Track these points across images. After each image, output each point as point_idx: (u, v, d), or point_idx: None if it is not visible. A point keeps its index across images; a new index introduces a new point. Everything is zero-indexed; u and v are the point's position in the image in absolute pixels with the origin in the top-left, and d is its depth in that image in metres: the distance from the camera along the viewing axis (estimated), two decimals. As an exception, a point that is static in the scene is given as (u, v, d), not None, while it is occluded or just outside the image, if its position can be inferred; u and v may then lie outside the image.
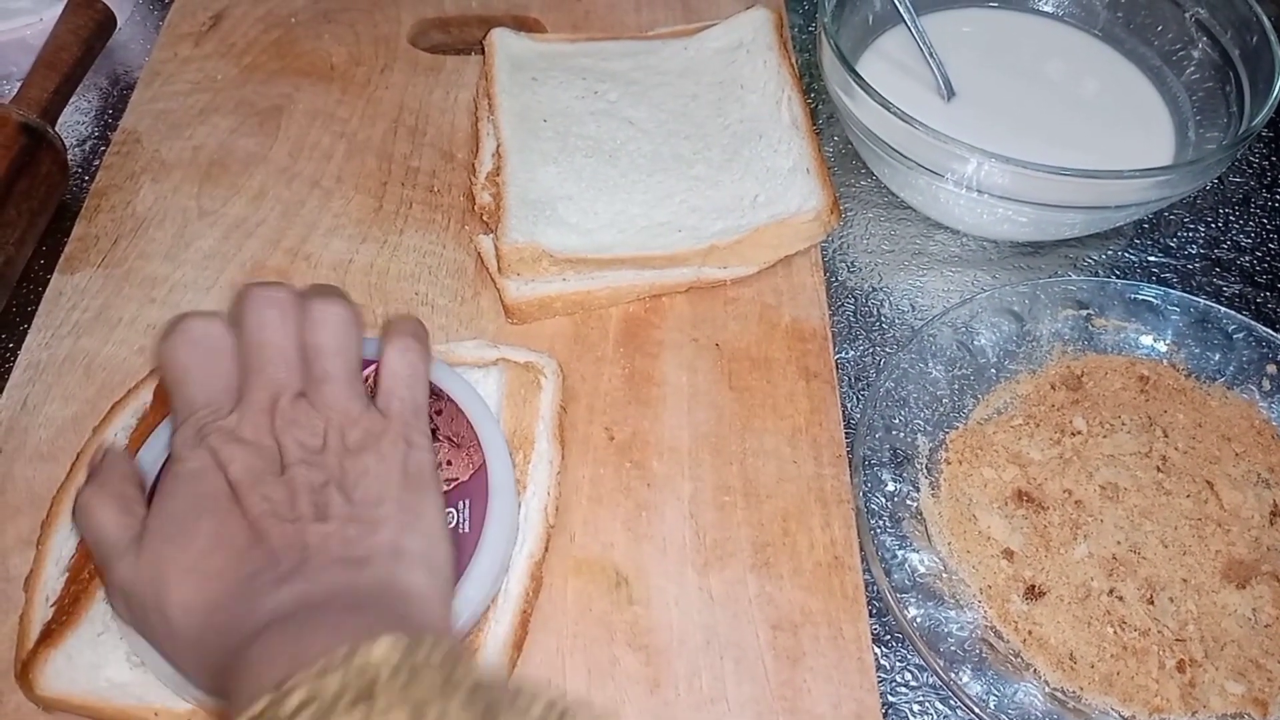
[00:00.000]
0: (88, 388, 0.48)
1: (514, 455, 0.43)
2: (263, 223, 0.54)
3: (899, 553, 0.44)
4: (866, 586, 0.43)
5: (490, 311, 0.51)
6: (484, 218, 0.53)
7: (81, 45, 0.60)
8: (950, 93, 0.58)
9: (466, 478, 0.41)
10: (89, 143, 0.61)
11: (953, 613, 0.43)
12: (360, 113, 0.60)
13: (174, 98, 0.60)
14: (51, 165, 0.55)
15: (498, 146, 0.55)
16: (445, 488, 0.41)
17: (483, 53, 0.60)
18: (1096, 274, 0.56)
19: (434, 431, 0.42)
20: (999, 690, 0.40)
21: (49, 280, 0.52)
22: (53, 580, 0.41)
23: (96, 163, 0.58)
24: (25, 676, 0.38)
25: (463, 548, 0.40)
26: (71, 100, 0.60)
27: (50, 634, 0.39)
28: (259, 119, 0.59)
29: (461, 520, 0.40)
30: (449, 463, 0.42)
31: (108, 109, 0.63)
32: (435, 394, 0.43)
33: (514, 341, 0.49)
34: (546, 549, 0.43)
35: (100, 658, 0.38)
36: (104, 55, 0.63)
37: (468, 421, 0.43)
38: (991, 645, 0.42)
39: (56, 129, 0.57)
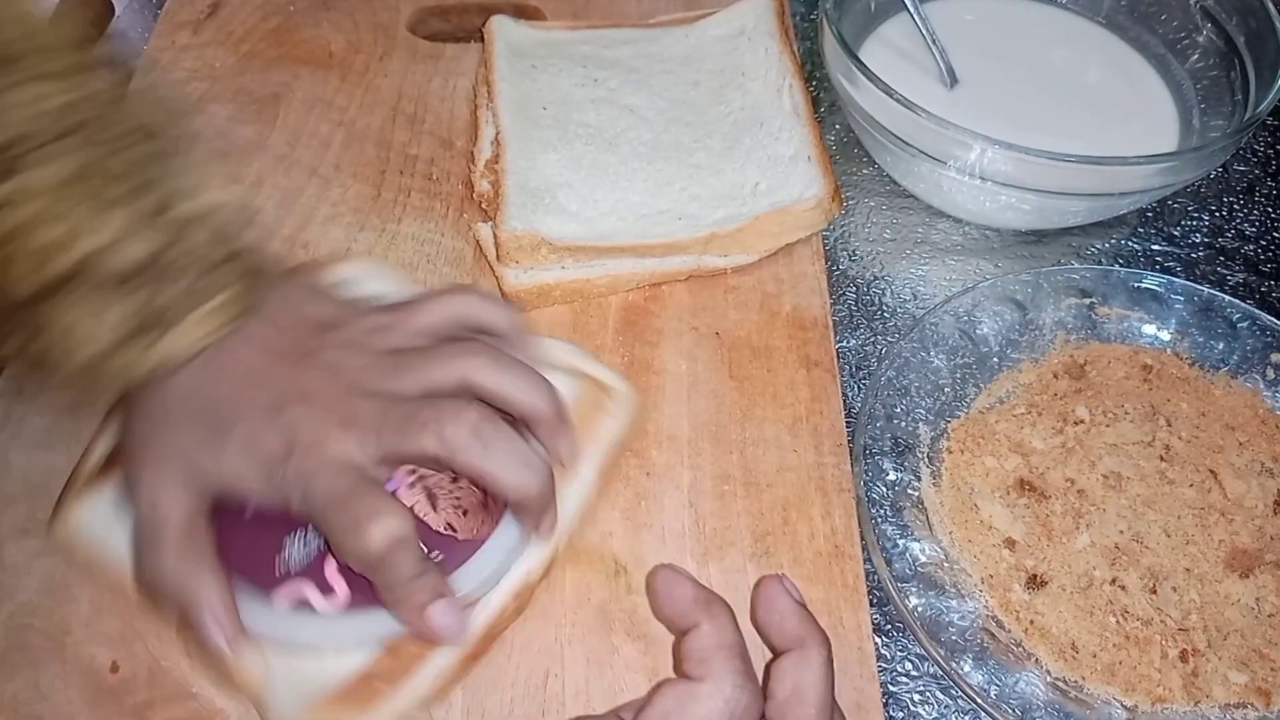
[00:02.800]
0: (85, 376, 0.47)
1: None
2: (260, 211, 0.54)
3: (900, 542, 0.43)
4: (867, 576, 0.43)
5: (489, 300, 0.51)
6: (483, 206, 0.53)
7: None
8: (953, 80, 0.58)
9: None
10: (86, 131, 0.60)
11: (954, 602, 0.42)
12: (359, 101, 0.59)
13: (171, 86, 0.60)
14: (48, 153, 0.55)
15: (497, 134, 0.55)
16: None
17: (482, 40, 0.60)
18: (1100, 262, 0.56)
19: None
20: (1000, 680, 0.40)
21: (46, 269, 0.51)
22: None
23: (94, 151, 0.57)
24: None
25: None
26: (69, 89, 0.59)
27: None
28: (257, 107, 0.59)
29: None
30: None
31: (105, 97, 0.62)
32: None
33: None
34: (543, 578, 0.41)
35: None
36: (101, 44, 0.62)
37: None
38: (993, 635, 0.42)
39: (54, 117, 0.56)
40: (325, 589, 0.38)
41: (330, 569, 0.39)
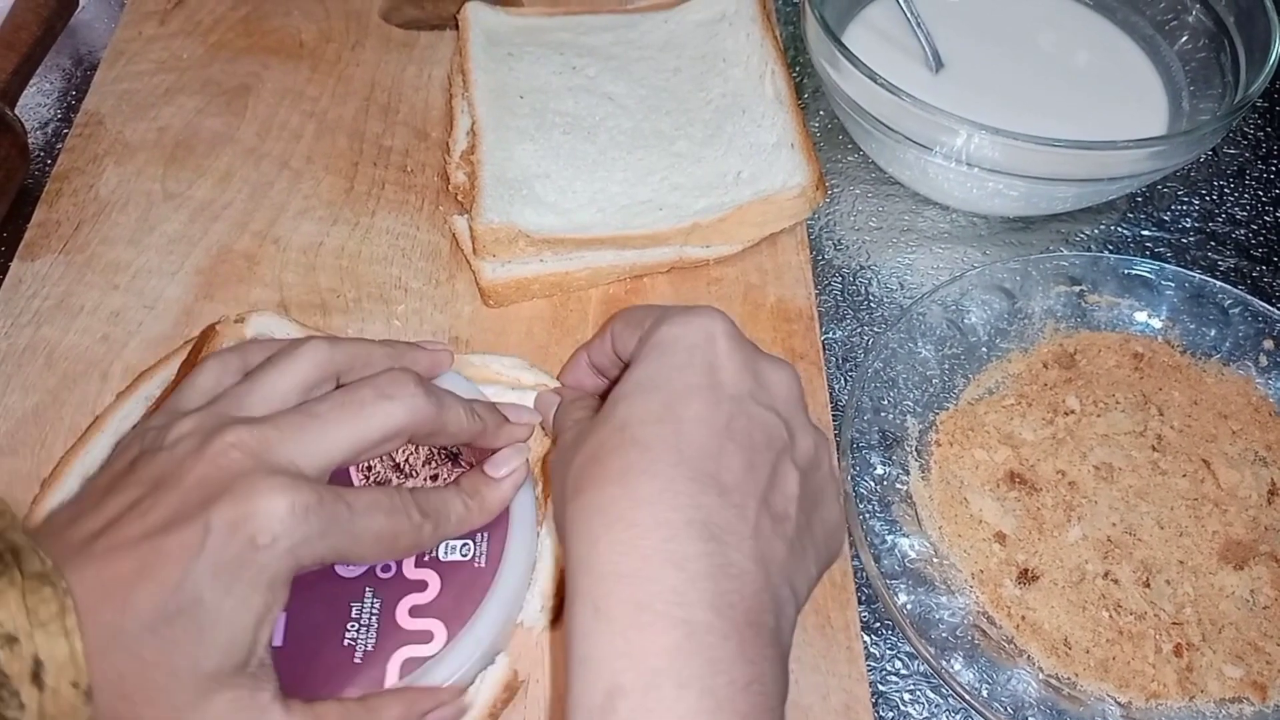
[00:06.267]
0: (49, 378, 0.46)
1: (536, 485, 0.41)
2: (230, 205, 0.52)
3: (888, 538, 0.42)
4: (855, 573, 0.42)
5: (466, 294, 0.50)
6: (459, 198, 0.52)
7: (41, 24, 0.58)
8: (938, 64, 0.57)
9: None
10: (51, 125, 0.59)
11: (944, 599, 0.41)
12: (331, 91, 0.58)
13: (138, 78, 0.58)
14: (10, 148, 0.53)
15: (473, 124, 0.53)
16: None
17: (457, 28, 0.59)
18: (1089, 249, 0.55)
19: (457, 456, 0.40)
20: (991, 678, 0.39)
21: (8, 267, 0.50)
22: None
23: (59, 146, 0.56)
24: None
25: (477, 584, 0.38)
26: (33, 82, 0.58)
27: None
28: (226, 98, 0.57)
29: (479, 554, 0.38)
30: None
31: (70, 90, 0.61)
32: None
33: (489, 324, 0.48)
34: (559, 592, 0.40)
35: None
36: (66, 35, 0.61)
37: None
38: (984, 631, 0.41)
39: (16, 111, 0.55)
40: (420, 639, 0.36)
41: (405, 618, 0.37)
